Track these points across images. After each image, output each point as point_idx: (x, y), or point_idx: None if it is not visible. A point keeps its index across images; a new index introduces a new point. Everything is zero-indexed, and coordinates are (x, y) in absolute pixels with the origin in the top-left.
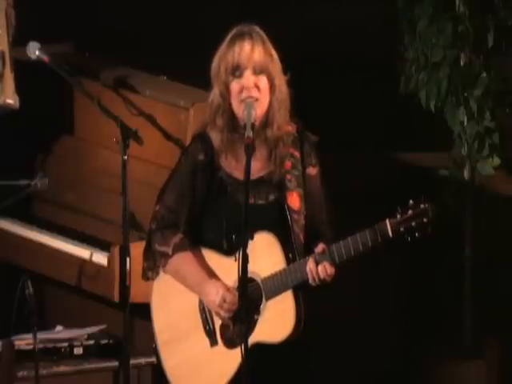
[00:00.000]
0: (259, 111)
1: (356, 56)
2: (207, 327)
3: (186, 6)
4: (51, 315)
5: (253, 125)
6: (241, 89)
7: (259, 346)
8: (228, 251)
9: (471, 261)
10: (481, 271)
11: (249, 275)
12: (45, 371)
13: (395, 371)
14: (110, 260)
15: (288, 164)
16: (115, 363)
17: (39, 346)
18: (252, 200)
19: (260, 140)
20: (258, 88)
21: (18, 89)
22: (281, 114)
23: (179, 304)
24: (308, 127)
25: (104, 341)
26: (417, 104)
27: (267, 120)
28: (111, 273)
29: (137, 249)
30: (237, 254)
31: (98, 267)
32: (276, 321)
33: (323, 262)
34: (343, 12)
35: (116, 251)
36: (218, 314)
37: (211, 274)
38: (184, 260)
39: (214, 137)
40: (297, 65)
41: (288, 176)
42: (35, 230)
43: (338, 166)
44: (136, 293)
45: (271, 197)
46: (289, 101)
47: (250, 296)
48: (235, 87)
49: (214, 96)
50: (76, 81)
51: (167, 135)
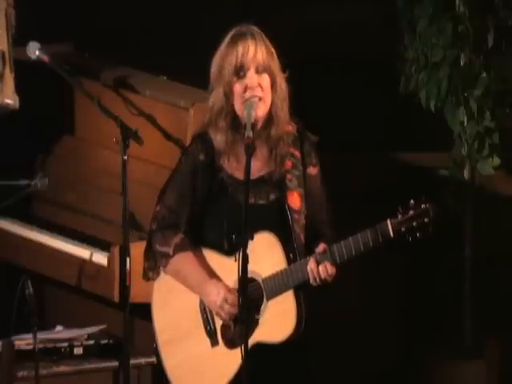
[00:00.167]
0: (263, 110)
1: (356, 56)
2: (208, 327)
3: (186, 6)
4: (51, 315)
5: (253, 125)
6: (244, 89)
7: (260, 346)
8: (229, 251)
9: (471, 261)
10: (481, 271)
11: (249, 275)
12: (45, 371)
13: (395, 371)
14: (110, 260)
15: (288, 164)
16: (115, 363)
17: (39, 346)
18: (252, 200)
19: (260, 140)
20: (262, 87)
21: (18, 89)
22: (283, 111)
23: (180, 304)
24: (308, 127)
25: (104, 341)
26: (417, 104)
27: (271, 118)
28: (111, 273)
29: (137, 249)
30: (237, 255)
31: (98, 267)
32: (277, 321)
33: (324, 262)
34: (343, 12)
35: (116, 251)
36: (219, 315)
37: (212, 275)
38: (185, 260)
39: (218, 139)
40: (296, 65)
41: (288, 176)
42: (35, 230)
43: (339, 166)
44: (136, 293)
45: (272, 196)
46: (288, 98)
47: (251, 296)
48: (238, 88)
49: (217, 98)
50: (76, 81)
51: (167, 135)
